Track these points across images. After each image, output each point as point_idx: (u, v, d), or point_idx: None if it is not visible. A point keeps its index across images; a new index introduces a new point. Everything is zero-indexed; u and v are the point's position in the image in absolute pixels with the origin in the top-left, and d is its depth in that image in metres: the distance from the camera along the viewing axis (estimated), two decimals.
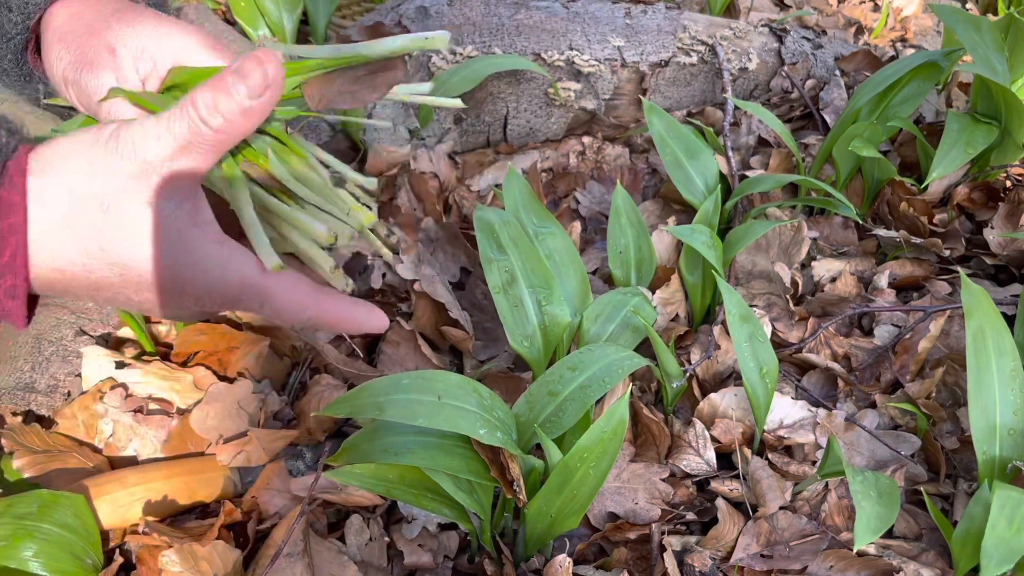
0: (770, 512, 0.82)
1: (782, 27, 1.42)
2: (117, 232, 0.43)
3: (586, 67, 1.26)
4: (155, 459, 0.87)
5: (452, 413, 0.65)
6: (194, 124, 0.42)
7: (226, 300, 0.47)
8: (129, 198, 0.43)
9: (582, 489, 0.70)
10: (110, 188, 0.43)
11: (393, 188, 1.16)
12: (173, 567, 0.72)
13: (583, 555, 0.82)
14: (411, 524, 0.81)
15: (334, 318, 0.50)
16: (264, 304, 0.47)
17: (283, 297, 0.47)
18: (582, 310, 0.92)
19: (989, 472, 0.76)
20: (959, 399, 0.94)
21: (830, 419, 0.90)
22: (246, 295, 0.47)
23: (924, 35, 1.68)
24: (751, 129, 1.30)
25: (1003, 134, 1.08)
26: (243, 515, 0.81)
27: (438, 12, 1.26)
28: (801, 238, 1.08)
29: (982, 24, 1.07)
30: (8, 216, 0.41)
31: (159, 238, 0.44)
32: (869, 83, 1.13)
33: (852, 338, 1.01)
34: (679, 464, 0.88)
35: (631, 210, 1.04)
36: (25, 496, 0.75)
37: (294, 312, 0.48)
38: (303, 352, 0.98)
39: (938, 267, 1.10)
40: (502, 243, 0.90)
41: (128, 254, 0.44)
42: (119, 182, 0.43)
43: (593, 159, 1.31)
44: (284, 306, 0.48)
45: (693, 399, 0.94)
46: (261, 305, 0.47)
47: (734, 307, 0.87)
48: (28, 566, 0.70)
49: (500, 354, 1.02)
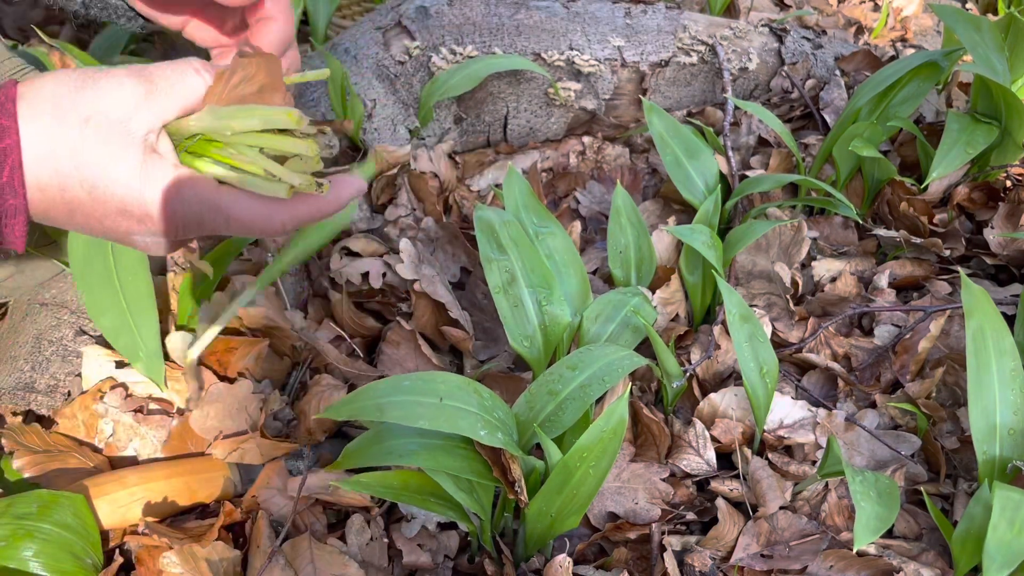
0: (770, 512, 0.82)
1: (782, 27, 1.42)
2: (90, 150, 0.47)
3: (586, 67, 1.26)
4: (155, 459, 0.86)
5: (453, 414, 0.65)
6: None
7: (188, 222, 0.51)
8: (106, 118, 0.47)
9: (582, 489, 0.70)
10: (91, 107, 0.47)
11: (393, 188, 1.16)
12: (173, 567, 0.72)
13: (583, 555, 0.82)
14: (410, 523, 0.81)
15: (307, 213, 0.54)
16: (229, 220, 0.51)
17: (247, 211, 0.51)
18: (582, 310, 0.92)
19: (989, 472, 0.76)
20: (959, 399, 0.94)
21: (830, 419, 0.90)
22: (208, 214, 0.51)
23: (924, 35, 1.68)
24: (751, 129, 1.30)
25: (1003, 134, 1.08)
26: (243, 515, 0.81)
27: (438, 12, 1.26)
28: (801, 238, 1.08)
29: (982, 24, 1.07)
30: (3, 139, 0.45)
31: (126, 159, 0.48)
32: (869, 83, 1.13)
33: (852, 338, 1.01)
34: (679, 464, 0.88)
35: (631, 210, 1.04)
36: (25, 496, 0.75)
37: (263, 223, 0.52)
38: (303, 352, 0.98)
39: (938, 267, 1.10)
40: (502, 243, 0.90)
41: (97, 173, 0.47)
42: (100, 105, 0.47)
43: (593, 159, 1.31)
44: (251, 219, 0.52)
45: (693, 399, 0.94)
46: (227, 222, 0.51)
47: (734, 307, 0.87)
48: (28, 566, 0.70)
49: (500, 354, 1.02)
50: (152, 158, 0.49)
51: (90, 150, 0.47)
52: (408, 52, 1.22)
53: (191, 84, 0.50)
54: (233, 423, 0.88)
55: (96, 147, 0.47)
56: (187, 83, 0.50)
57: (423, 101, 1.20)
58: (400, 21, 1.25)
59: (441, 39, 1.24)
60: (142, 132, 0.48)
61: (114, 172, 0.47)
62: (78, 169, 0.47)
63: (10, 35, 1.54)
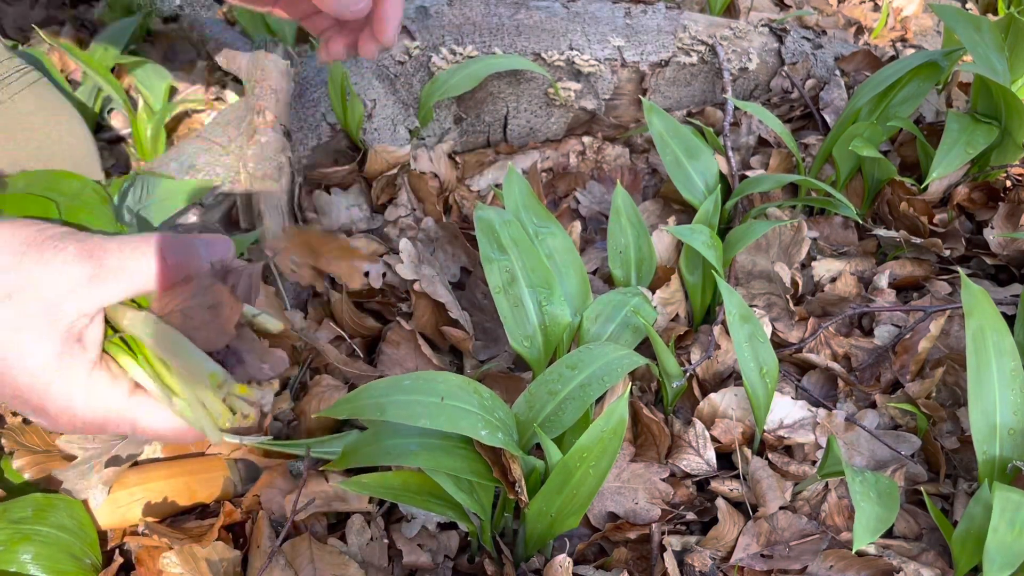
0: (770, 512, 0.82)
1: (782, 27, 1.42)
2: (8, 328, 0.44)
3: (586, 67, 1.26)
4: (155, 459, 0.86)
5: (454, 414, 0.65)
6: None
7: (88, 424, 0.48)
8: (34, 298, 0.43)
9: (582, 489, 0.70)
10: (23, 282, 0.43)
11: (393, 188, 1.16)
12: (173, 568, 0.72)
13: (583, 555, 0.82)
14: (410, 523, 0.81)
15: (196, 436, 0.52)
16: (135, 429, 0.49)
17: (159, 424, 0.49)
18: (582, 310, 0.92)
19: (989, 472, 0.76)
20: (959, 399, 0.94)
21: (830, 419, 0.90)
22: (112, 421, 0.48)
23: (924, 35, 1.68)
24: (751, 129, 1.30)
25: (1003, 134, 1.08)
26: (243, 515, 0.81)
27: (438, 12, 1.26)
28: (801, 238, 1.08)
29: (982, 24, 1.07)
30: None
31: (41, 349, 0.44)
32: (869, 83, 1.13)
33: (852, 338, 1.01)
34: (679, 464, 0.88)
35: (631, 210, 1.04)
36: (20, 500, 0.75)
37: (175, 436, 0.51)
38: (303, 352, 0.98)
39: (938, 267, 1.10)
40: (502, 243, 0.90)
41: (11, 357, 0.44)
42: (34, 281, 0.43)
43: (593, 159, 1.31)
44: (162, 431, 0.50)
45: (693, 399, 0.94)
46: (132, 430, 0.49)
47: (734, 307, 0.87)
48: (27, 569, 0.70)
49: (500, 354, 1.02)
50: (72, 350, 0.45)
51: (5, 330, 0.43)
52: (408, 52, 1.22)
53: (144, 269, 0.47)
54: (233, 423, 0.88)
55: (13, 329, 0.43)
56: (140, 267, 0.46)
57: (423, 101, 1.20)
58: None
59: (441, 39, 1.24)
60: (71, 318, 0.45)
61: (22, 361, 0.44)
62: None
63: (10, 35, 1.54)
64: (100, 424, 0.48)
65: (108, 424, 0.48)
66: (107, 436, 0.51)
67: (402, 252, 1.02)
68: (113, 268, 0.45)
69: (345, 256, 0.94)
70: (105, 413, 0.48)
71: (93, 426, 0.48)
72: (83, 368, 0.46)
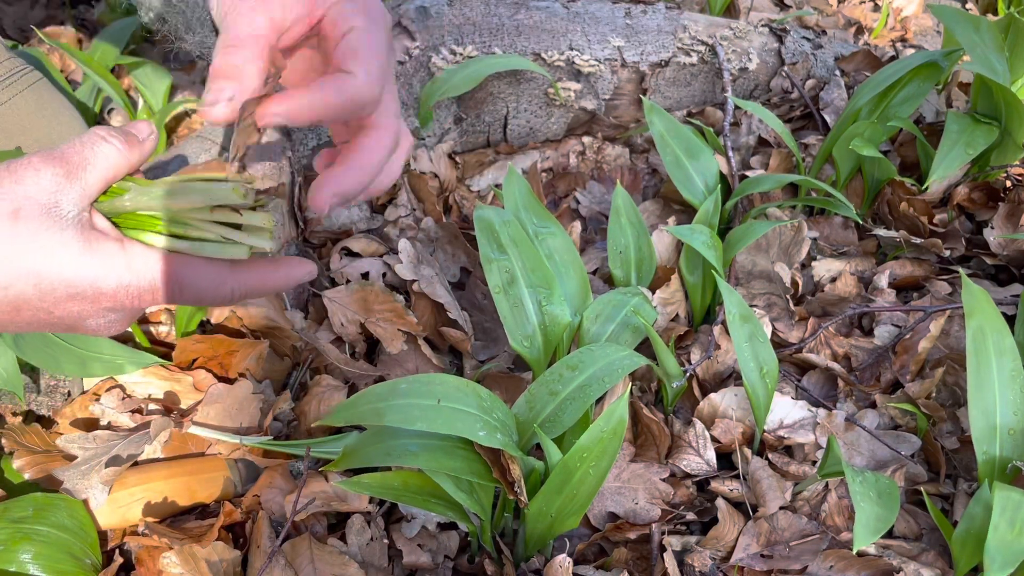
0: (770, 512, 0.82)
1: (782, 27, 1.42)
2: (27, 242, 0.45)
3: (586, 67, 1.26)
4: (155, 459, 0.86)
5: (451, 416, 0.65)
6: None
7: (143, 293, 0.48)
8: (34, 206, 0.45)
9: (582, 489, 0.70)
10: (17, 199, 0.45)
11: (393, 188, 1.16)
12: (173, 568, 0.72)
13: (583, 555, 0.82)
14: (411, 523, 0.81)
15: (257, 282, 0.51)
16: (183, 289, 0.49)
17: (200, 278, 0.49)
18: (582, 310, 0.92)
19: (989, 472, 0.76)
20: (959, 399, 0.94)
21: (830, 419, 0.90)
22: (161, 284, 0.48)
23: (924, 35, 1.68)
24: (751, 129, 1.30)
25: (1003, 134, 1.08)
26: (243, 515, 0.81)
27: (438, 12, 1.26)
28: (801, 238, 1.08)
29: (982, 24, 1.07)
30: None
31: (67, 242, 0.46)
32: (869, 83, 1.13)
33: (852, 338, 1.01)
34: (679, 464, 0.88)
35: (631, 210, 1.04)
36: (20, 500, 0.75)
37: (214, 290, 0.50)
38: (303, 352, 0.98)
39: (938, 267, 1.10)
40: (502, 243, 0.90)
41: (40, 263, 0.45)
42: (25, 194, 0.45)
43: (593, 159, 1.31)
44: (203, 286, 0.49)
45: (693, 399, 0.94)
46: (181, 290, 0.49)
47: (734, 307, 0.87)
48: (27, 568, 0.70)
49: (500, 354, 1.02)
50: (94, 235, 0.46)
51: (27, 242, 0.45)
52: (408, 52, 1.22)
53: (105, 154, 0.48)
54: (233, 424, 0.88)
55: (33, 238, 0.45)
56: (101, 154, 0.48)
57: (423, 101, 1.20)
58: (400, 21, 1.25)
59: (441, 39, 1.24)
60: (75, 212, 0.46)
61: (58, 258, 0.45)
62: (18, 263, 0.45)
63: (10, 35, 1.54)
64: (152, 292, 0.48)
65: (158, 290, 0.49)
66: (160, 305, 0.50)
67: (401, 252, 1.02)
68: (79, 163, 0.47)
69: (395, 320, 0.96)
70: (152, 279, 0.48)
71: (148, 296, 0.49)
72: (115, 245, 0.47)
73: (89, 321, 0.49)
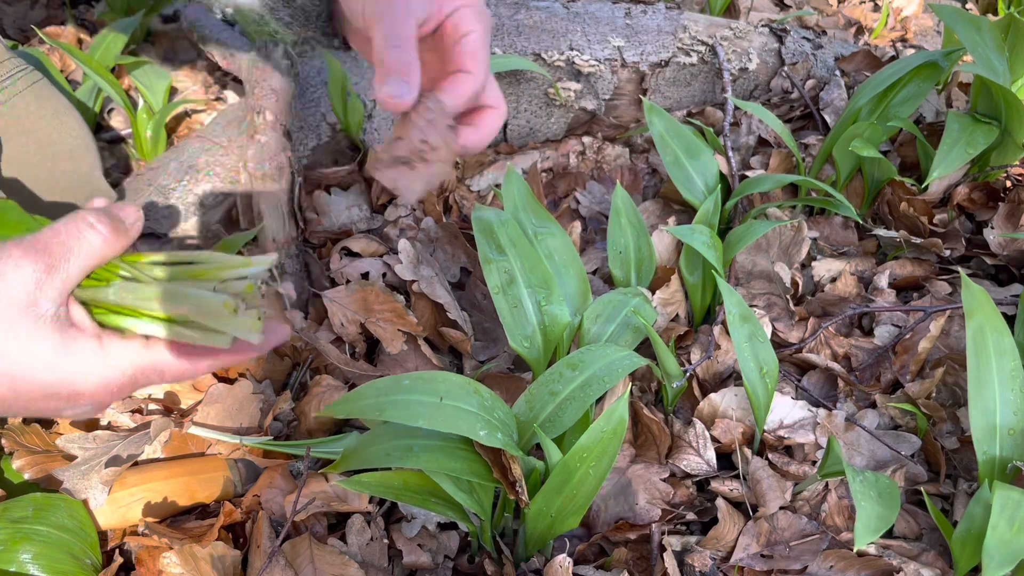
0: (770, 512, 0.82)
1: (782, 27, 1.42)
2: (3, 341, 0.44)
3: (586, 67, 1.26)
4: (155, 459, 0.86)
5: (453, 414, 0.65)
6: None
7: (122, 385, 0.49)
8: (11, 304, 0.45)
9: (582, 489, 0.70)
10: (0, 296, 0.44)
11: None
12: (173, 568, 0.72)
13: (583, 555, 0.82)
14: (411, 523, 0.81)
15: (231, 358, 0.52)
16: (163, 375, 0.50)
17: (178, 363, 0.50)
18: (582, 310, 0.92)
19: (989, 472, 0.76)
20: (959, 399, 0.94)
21: (830, 419, 0.90)
22: (140, 374, 0.49)
23: (924, 35, 1.68)
24: (751, 129, 1.30)
25: (1003, 134, 1.08)
26: (243, 515, 0.81)
27: None
28: (801, 238, 1.08)
29: (982, 24, 1.07)
30: None
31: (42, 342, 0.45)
32: (869, 83, 1.13)
33: (852, 338, 1.01)
34: (679, 464, 0.88)
35: (631, 210, 1.04)
36: (19, 500, 0.75)
37: (193, 371, 0.51)
38: (303, 352, 0.98)
39: (938, 267, 1.10)
40: (501, 243, 0.90)
41: (14, 363, 0.45)
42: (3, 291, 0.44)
43: (593, 159, 1.31)
44: (184, 369, 0.50)
45: (693, 399, 0.94)
46: (161, 376, 0.50)
47: (734, 307, 0.87)
48: (26, 569, 0.70)
49: (500, 354, 1.02)
50: (70, 333, 0.46)
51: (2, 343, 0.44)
52: None
53: (90, 242, 0.48)
54: (233, 424, 0.88)
55: (10, 338, 0.44)
56: (86, 243, 0.47)
57: None
58: None
59: None
60: (52, 310, 0.46)
61: (33, 361, 0.45)
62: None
63: (10, 35, 1.54)
64: (131, 383, 0.49)
65: (138, 380, 0.49)
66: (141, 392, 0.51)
67: (401, 253, 1.02)
68: (60, 253, 0.47)
69: (395, 320, 0.96)
70: (132, 371, 0.48)
71: (127, 386, 0.49)
72: (92, 343, 0.47)
73: (67, 412, 0.49)
